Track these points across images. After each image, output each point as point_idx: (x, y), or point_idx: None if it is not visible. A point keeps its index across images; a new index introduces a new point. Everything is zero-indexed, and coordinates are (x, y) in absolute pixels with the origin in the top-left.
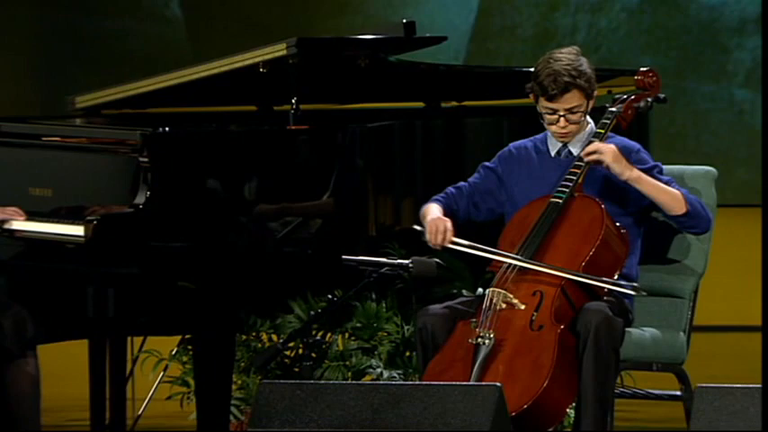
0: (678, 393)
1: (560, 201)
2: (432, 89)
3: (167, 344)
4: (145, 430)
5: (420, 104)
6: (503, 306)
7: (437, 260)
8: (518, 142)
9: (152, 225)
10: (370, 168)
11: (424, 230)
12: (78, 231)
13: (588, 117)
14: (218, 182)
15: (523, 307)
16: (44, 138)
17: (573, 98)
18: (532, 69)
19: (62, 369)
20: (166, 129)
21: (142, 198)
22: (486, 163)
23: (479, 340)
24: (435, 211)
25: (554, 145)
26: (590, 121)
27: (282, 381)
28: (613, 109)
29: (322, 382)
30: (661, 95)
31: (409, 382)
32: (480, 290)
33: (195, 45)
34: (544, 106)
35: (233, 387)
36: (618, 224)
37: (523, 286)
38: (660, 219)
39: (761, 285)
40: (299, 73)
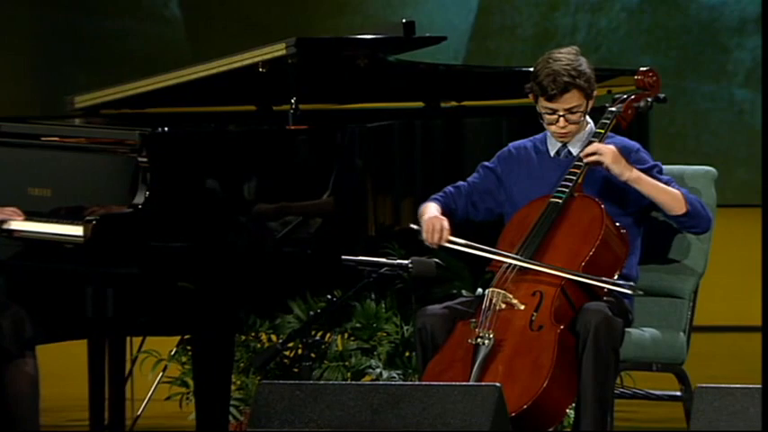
0: (678, 394)
1: (560, 201)
2: (431, 89)
3: (166, 344)
4: (144, 430)
5: (419, 104)
6: (502, 306)
7: (437, 260)
8: (517, 142)
9: (151, 225)
10: (369, 168)
11: (421, 229)
12: (77, 231)
13: (588, 117)
14: (217, 182)
15: (523, 307)
16: (43, 138)
17: (572, 98)
18: (532, 69)
19: (61, 369)
20: (165, 129)
21: (141, 198)
22: (485, 163)
23: (479, 340)
24: (432, 210)
25: (553, 145)
26: (590, 121)
27: (282, 381)
28: (613, 109)
29: (321, 383)
30: (661, 95)
31: (409, 383)
32: (480, 290)
33: (194, 45)
34: (543, 106)
35: (232, 387)
36: (618, 224)
37: (523, 286)
38: (660, 219)
39: (761, 285)
40: (299, 73)
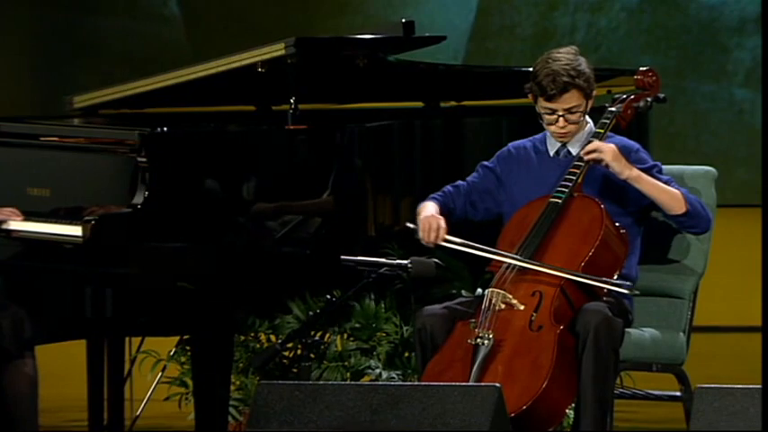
0: (678, 394)
1: (560, 201)
2: (431, 89)
3: (165, 344)
4: (143, 431)
5: (419, 104)
6: (502, 306)
7: (436, 260)
8: (517, 142)
9: (150, 225)
10: (368, 168)
11: (417, 228)
12: (76, 231)
13: (587, 117)
14: (216, 182)
15: (522, 307)
16: (42, 138)
17: (572, 98)
18: (531, 69)
19: (60, 369)
20: (165, 129)
21: (140, 198)
22: (484, 162)
23: (478, 341)
24: (430, 209)
25: (553, 145)
26: (589, 121)
27: (281, 381)
28: (613, 109)
29: (321, 383)
30: (661, 95)
31: (408, 383)
32: (479, 290)
33: (194, 45)
34: (543, 106)
35: (231, 387)
36: (617, 224)
37: (523, 286)
38: (660, 219)
39: (761, 285)
40: (298, 73)
